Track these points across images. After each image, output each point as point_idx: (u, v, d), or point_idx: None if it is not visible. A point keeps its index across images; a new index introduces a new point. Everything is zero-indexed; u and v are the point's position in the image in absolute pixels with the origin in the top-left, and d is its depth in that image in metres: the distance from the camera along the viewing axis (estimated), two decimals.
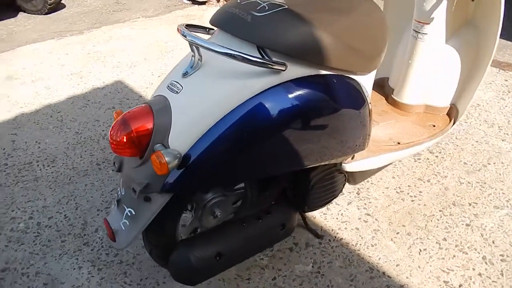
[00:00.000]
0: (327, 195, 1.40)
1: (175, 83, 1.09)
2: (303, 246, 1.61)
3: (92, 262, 1.57)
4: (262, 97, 1.05)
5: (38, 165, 2.13)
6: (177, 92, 1.07)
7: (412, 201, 1.81)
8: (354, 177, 1.49)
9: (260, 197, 1.35)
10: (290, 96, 1.07)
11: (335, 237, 1.64)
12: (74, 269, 1.55)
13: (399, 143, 1.58)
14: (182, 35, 1.03)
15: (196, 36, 1.01)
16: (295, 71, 1.08)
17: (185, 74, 1.09)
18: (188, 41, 1.02)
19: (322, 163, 1.22)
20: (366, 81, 1.26)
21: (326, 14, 1.15)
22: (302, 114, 1.09)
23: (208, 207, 1.34)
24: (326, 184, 1.36)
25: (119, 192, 1.16)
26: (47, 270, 1.55)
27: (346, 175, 1.43)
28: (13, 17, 4.53)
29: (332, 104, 1.14)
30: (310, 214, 1.74)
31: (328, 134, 1.16)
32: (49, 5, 4.56)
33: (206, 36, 1.21)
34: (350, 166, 1.35)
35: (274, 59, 1.04)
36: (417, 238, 1.62)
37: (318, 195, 1.36)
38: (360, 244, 1.61)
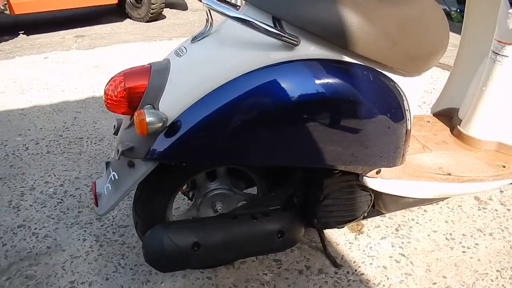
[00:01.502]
0: (344, 212, 1.19)
1: (183, 47, 1.03)
2: (315, 271, 1.39)
3: (97, 237, 1.54)
4: (268, 72, 0.93)
5: (86, 141, 2.22)
6: (180, 55, 1.00)
7: (464, 252, 1.49)
8: (384, 202, 1.26)
9: (264, 198, 1.20)
10: (300, 77, 0.93)
11: (356, 270, 1.40)
12: (79, 240, 1.53)
13: (449, 174, 1.32)
14: None
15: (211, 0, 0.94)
16: (311, 50, 0.94)
17: (194, 39, 1.02)
18: (204, 4, 0.95)
19: (332, 166, 1.04)
20: (407, 84, 1.07)
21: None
22: (311, 100, 0.94)
23: (209, 197, 1.23)
24: (343, 198, 1.17)
25: (112, 154, 1.10)
26: (55, 235, 1.55)
27: (372, 195, 1.22)
28: (120, 21, 5.04)
29: (352, 97, 0.96)
30: (332, 240, 1.52)
31: (341, 132, 0.98)
32: (151, 14, 5.00)
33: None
34: (373, 182, 1.13)
35: (288, 32, 0.92)
36: None
37: (331, 209, 1.17)
38: (383, 285, 1.34)
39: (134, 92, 0.96)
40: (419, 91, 1.12)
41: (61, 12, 4.96)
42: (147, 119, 0.89)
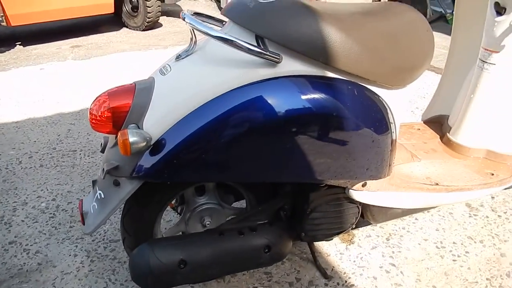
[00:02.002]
0: (331, 225, 1.20)
1: (167, 65, 1.03)
2: (306, 283, 1.39)
3: (88, 252, 1.54)
4: (251, 89, 0.93)
5: (79, 154, 2.23)
6: (164, 74, 1.01)
7: (454, 260, 1.49)
8: (372, 213, 1.27)
9: (252, 213, 1.20)
10: (283, 93, 0.94)
11: (346, 281, 1.40)
12: (70, 255, 1.53)
13: (437, 184, 1.32)
14: (182, 18, 0.98)
15: (193, 19, 0.95)
16: (294, 66, 0.95)
17: (178, 57, 1.03)
18: (186, 23, 0.96)
19: (316, 180, 1.04)
20: (391, 96, 1.07)
21: (351, 15, 1.02)
22: (293, 116, 0.95)
23: (198, 211, 1.23)
24: (330, 211, 1.17)
25: (99, 172, 1.11)
26: (46, 251, 1.55)
27: (360, 206, 1.22)
28: (117, 30, 5.06)
29: (334, 112, 0.97)
30: (324, 251, 1.52)
31: (324, 147, 0.99)
32: (147, 23, 5.02)
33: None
34: (360, 194, 1.14)
35: (270, 49, 0.93)
36: None
37: (319, 222, 1.17)
38: None
39: (118, 111, 0.96)
40: (404, 103, 1.12)
41: (58, 21, 4.98)
42: (130, 139, 0.90)
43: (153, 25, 5.14)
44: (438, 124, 1.79)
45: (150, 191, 1.10)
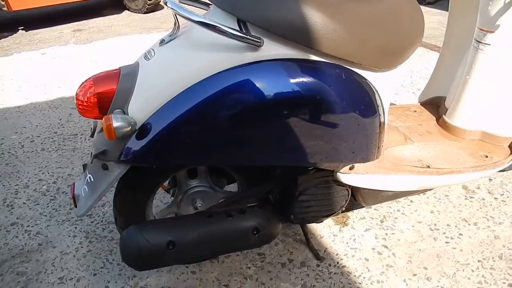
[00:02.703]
0: (320, 207, 1.21)
1: (151, 50, 1.04)
2: (298, 264, 1.42)
3: (87, 233, 1.58)
4: (234, 73, 0.93)
5: (80, 138, 2.26)
6: (148, 58, 1.01)
7: (447, 243, 1.50)
8: (362, 196, 1.27)
9: (241, 196, 1.22)
10: (266, 77, 0.94)
11: (338, 263, 1.42)
12: (69, 236, 1.57)
13: (428, 166, 1.32)
14: (164, 2, 0.98)
15: (175, 4, 0.94)
16: (276, 50, 0.94)
17: (161, 42, 1.03)
18: (168, 8, 0.96)
19: (303, 164, 1.05)
20: (378, 79, 1.07)
21: None
22: (276, 100, 0.95)
23: (189, 194, 1.25)
24: (319, 194, 1.18)
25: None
26: (46, 232, 1.59)
27: (349, 189, 1.23)
28: (118, 13, 5.04)
29: (318, 95, 0.97)
30: (317, 233, 1.54)
31: (308, 130, 0.99)
32: (148, 5, 4.99)
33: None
34: (348, 177, 1.14)
35: (252, 33, 0.93)
36: (438, 287, 1.32)
37: (307, 204, 1.18)
38: (364, 277, 1.36)
39: (103, 97, 0.97)
40: (393, 85, 1.12)
41: (61, 5, 4.97)
42: (114, 124, 0.91)
43: (155, 7, 5.11)
44: (435, 106, 1.77)
45: (141, 173, 1.11)
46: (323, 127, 1.01)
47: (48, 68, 3.26)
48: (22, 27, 4.48)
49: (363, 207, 1.60)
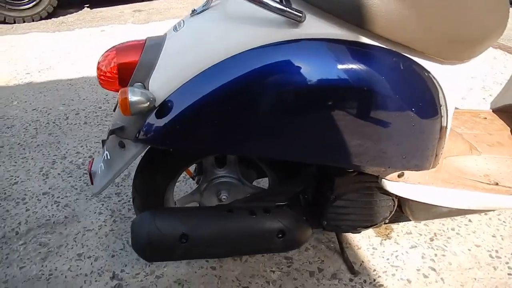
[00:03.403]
0: (359, 217, 1.05)
1: (181, 21, 0.93)
2: (328, 275, 1.27)
3: (112, 212, 1.54)
4: (269, 51, 0.80)
5: None
6: (177, 29, 0.91)
7: (509, 274, 1.27)
8: (410, 209, 1.09)
9: (268, 192, 1.09)
10: (304, 58, 0.79)
11: (374, 280, 1.25)
12: (95, 213, 1.53)
13: (497, 183, 1.10)
14: None
15: None
16: (319, 27, 0.79)
17: (193, 12, 0.92)
18: None
19: (342, 165, 0.89)
20: (444, 73, 0.88)
21: None
22: (316, 86, 0.80)
23: (215, 184, 1.15)
24: (359, 201, 1.02)
25: None
26: (74, 206, 1.57)
27: (396, 200, 1.05)
28: None
29: (366, 86, 0.80)
30: (354, 243, 1.38)
31: (351, 126, 0.83)
32: None
33: None
34: (393, 186, 0.97)
35: (293, 7, 0.78)
36: None
37: (343, 211, 1.03)
38: None
39: (125, 68, 0.88)
40: (461, 82, 0.92)
41: None
42: (130, 99, 0.81)
43: None
44: (510, 114, 1.52)
45: (165, 154, 1.02)
46: (371, 124, 0.85)
47: (104, 45, 3.31)
48: (87, 5, 4.63)
49: (410, 220, 1.41)
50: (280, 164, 1.10)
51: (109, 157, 0.98)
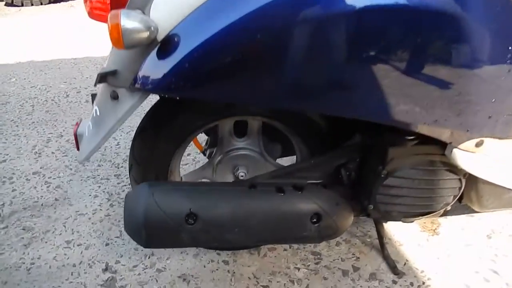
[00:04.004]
0: (416, 200, 0.82)
1: None
2: (366, 275, 1.04)
3: (109, 195, 1.33)
4: None
5: None
6: None
7: None
8: (479, 193, 0.85)
9: (300, 166, 0.86)
10: None
11: (423, 283, 1.01)
12: (90, 195, 1.33)
13: None
14: None
15: None
16: None
17: None
18: None
19: (403, 124, 0.67)
20: None
21: None
22: (373, 8, 0.58)
23: (231, 156, 0.93)
24: (417, 179, 0.79)
25: None
26: (67, 187, 1.37)
27: (464, 180, 0.82)
28: None
29: (447, 11, 0.58)
30: (395, 237, 1.15)
31: (418, 69, 0.61)
32: None
33: None
34: (467, 159, 0.73)
35: None
36: None
37: (396, 192, 0.80)
38: None
39: None
40: None
41: None
42: (123, 24, 0.60)
43: None
44: None
45: (172, 110, 0.81)
46: (448, 68, 0.62)
47: None
48: None
49: (470, 212, 1.17)
50: (313, 133, 0.87)
51: (98, 113, 0.76)
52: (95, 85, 0.72)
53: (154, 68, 0.66)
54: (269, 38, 0.61)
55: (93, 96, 0.83)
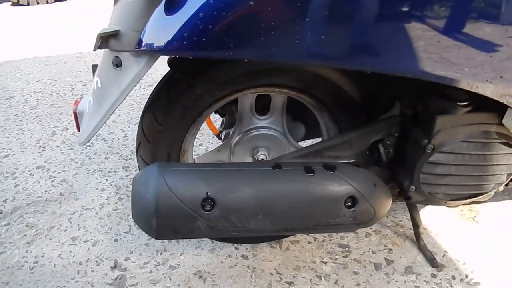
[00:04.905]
0: (466, 179, 0.71)
1: None
2: (401, 269, 0.93)
3: (117, 188, 1.24)
4: None
5: (140, 88, 1.96)
6: None
7: None
8: None
9: (330, 143, 0.76)
10: None
11: (467, 276, 0.91)
12: (97, 189, 1.24)
13: None
14: None
15: None
16: None
17: None
18: None
19: (449, 80, 0.56)
20: None
21: None
22: None
23: (251, 136, 0.83)
24: (469, 154, 0.68)
25: None
26: (72, 181, 1.28)
27: None
28: None
29: None
30: (431, 226, 1.04)
31: (472, 13, 0.50)
32: None
33: None
34: None
35: None
36: None
37: (443, 170, 0.69)
38: None
39: None
40: None
41: None
42: None
43: None
44: None
45: (186, 82, 0.71)
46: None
47: None
48: None
49: (505, 199, 1.05)
50: (347, 106, 0.77)
51: (100, 85, 0.67)
52: (94, 49, 0.63)
53: (162, 25, 0.57)
54: None
55: (94, 67, 0.73)
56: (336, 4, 0.52)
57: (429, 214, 1.07)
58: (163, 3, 0.56)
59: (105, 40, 0.61)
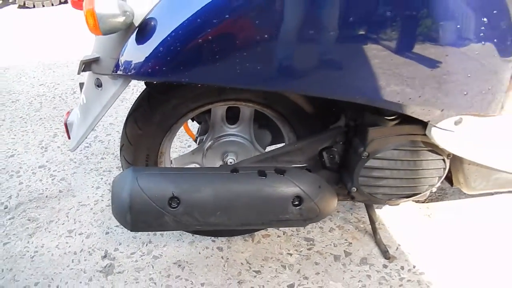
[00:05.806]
0: (398, 182, 0.82)
1: None
2: (357, 260, 1.04)
3: (111, 186, 1.36)
4: None
5: (133, 89, 2.09)
6: None
7: None
8: (465, 174, 0.85)
9: (284, 150, 0.87)
10: None
11: (414, 267, 1.02)
12: (92, 187, 1.37)
13: None
14: None
15: None
16: None
17: None
18: None
19: (380, 102, 0.67)
20: None
21: None
22: None
23: (222, 142, 0.95)
24: (399, 160, 0.79)
25: None
26: (70, 180, 1.41)
27: (447, 161, 0.82)
28: None
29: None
30: (389, 221, 1.15)
31: (397, 46, 0.62)
32: None
33: None
34: (446, 137, 0.73)
35: None
36: None
37: (378, 174, 0.80)
38: None
39: None
40: None
41: None
42: (97, 10, 0.62)
43: None
44: None
45: (165, 95, 0.83)
46: (425, 44, 0.62)
47: None
48: None
49: (461, 197, 1.17)
50: (300, 120, 0.88)
51: (85, 101, 0.79)
52: (78, 73, 0.75)
53: (134, 53, 0.68)
54: (249, 16, 0.62)
55: (81, 84, 0.86)
56: (259, 48, 0.63)
57: (388, 212, 1.18)
58: (134, 34, 0.68)
59: (88, 64, 0.73)
